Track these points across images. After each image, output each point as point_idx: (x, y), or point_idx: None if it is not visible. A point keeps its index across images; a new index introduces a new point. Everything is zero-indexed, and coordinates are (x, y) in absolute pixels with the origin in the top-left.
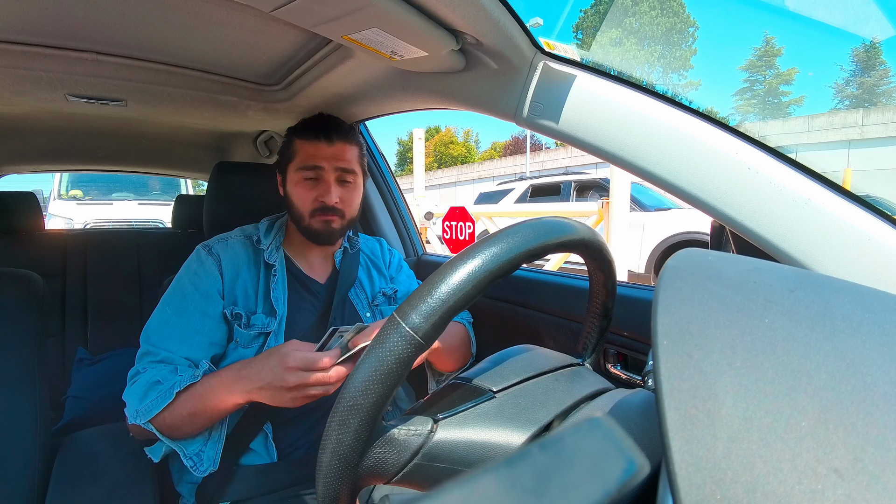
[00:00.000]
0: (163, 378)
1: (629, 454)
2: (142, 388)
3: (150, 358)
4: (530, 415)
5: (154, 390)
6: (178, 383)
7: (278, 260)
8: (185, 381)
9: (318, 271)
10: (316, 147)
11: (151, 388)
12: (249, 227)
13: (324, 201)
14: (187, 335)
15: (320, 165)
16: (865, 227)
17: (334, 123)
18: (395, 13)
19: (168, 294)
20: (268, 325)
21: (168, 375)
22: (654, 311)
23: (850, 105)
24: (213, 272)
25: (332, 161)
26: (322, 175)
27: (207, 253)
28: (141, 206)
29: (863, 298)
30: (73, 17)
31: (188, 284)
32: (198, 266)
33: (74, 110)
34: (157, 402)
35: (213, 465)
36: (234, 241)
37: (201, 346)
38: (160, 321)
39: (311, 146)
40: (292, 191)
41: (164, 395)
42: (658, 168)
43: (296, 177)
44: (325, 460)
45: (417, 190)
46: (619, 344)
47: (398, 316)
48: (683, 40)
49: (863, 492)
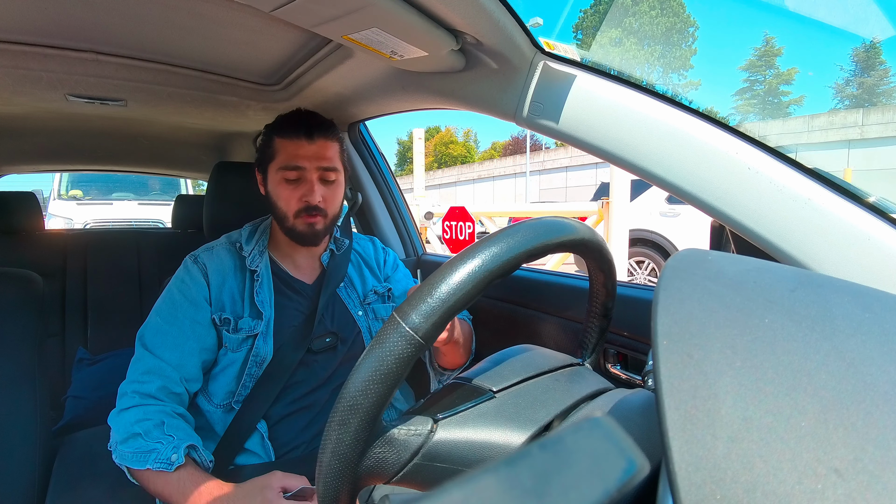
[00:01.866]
0: (145, 432)
1: (629, 454)
2: (125, 429)
3: (142, 366)
4: (530, 415)
5: (135, 441)
6: (155, 454)
7: (261, 265)
8: (162, 457)
9: (305, 272)
10: (297, 146)
11: (133, 438)
12: (235, 232)
13: (307, 201)
14: (179, 342)
15: (302, 165)
16: (866, 227)
17: (315, 120)
18: (395, 13)
19: (158, 304)
20: (255, 327)
21: (152, 430)
22: (654, 311)
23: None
24: (199, 281)
25: (313, 160)
26: (304, 175)
27: (193, 262)
28: (141, 206)
29: (863, 298)
30: (73, 17)
31: (177, 293)
32: (185, 276)
33: (74, 110)
34: (133, 459)
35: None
36: (220, 249)
37: (192, 351)
38: (152, 330)
39: (291, 145)
40: (274, 191)
41: (139, 459)
42: (658, 168)
43: (277, 177)
44: (325, 460)
45: (417, 190)
46: (619, 344)
47: (398, 316)
48: (683, 40)
49: (863, 492)
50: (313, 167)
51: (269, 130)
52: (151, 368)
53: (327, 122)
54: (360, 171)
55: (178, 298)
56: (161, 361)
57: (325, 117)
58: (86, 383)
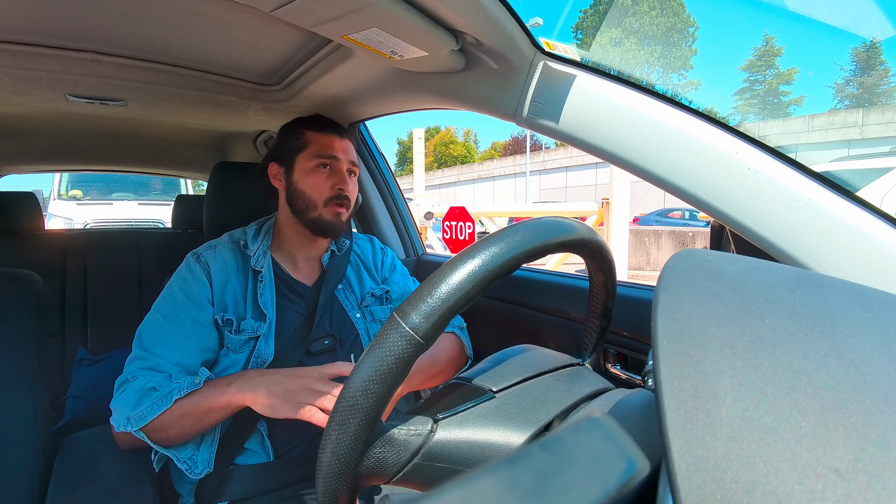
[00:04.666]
0: (158, 385)
1: (629, 454)
2: (134, 395)
3: (141, 363)
4: (530, 415)
5: (149, 397)
6: (175, 389)
7: (265, 265)
8: (185, 388)
9: (306, 273)
10: (330, 139)
11: (146, 394)
12: (237, 231)
13: (341, 189)
14: (179, 341)
15: (336, 156)
16: (866, 226)
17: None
18: (395, 13)
19: (159, 301)
20: (257, 328)
21: (163, 382)
22: (654, 311)
23: (850, 105)
24: (202, 280)
25: (346, 154)
26: (336, 165)
27: (196, 261)
28: (141, 206)
29: (863, 298)
30: (73, 17)
31: (178, 291)
32: (187, 273)
33: (74, 110)
34: (153, 408)
35: (209, 466)
36: (223, 248)
37: (193, 351)
38: (152, 327)
39: (325, 137)
40: (304, 180)
41: (160, 402)
42: (658, 168)
43: (310, 164)
44: (325, 460)
45: (417, 190)
46: (619, 344)
47: (398, 316)
48: (683, 40)
49: (863, 492)
50: (345, 159)
51: (297, 125)
52: (151, 366)
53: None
54: (360, 171)
55: (180, 297)
56: (160, 360)
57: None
58: (86, 383)
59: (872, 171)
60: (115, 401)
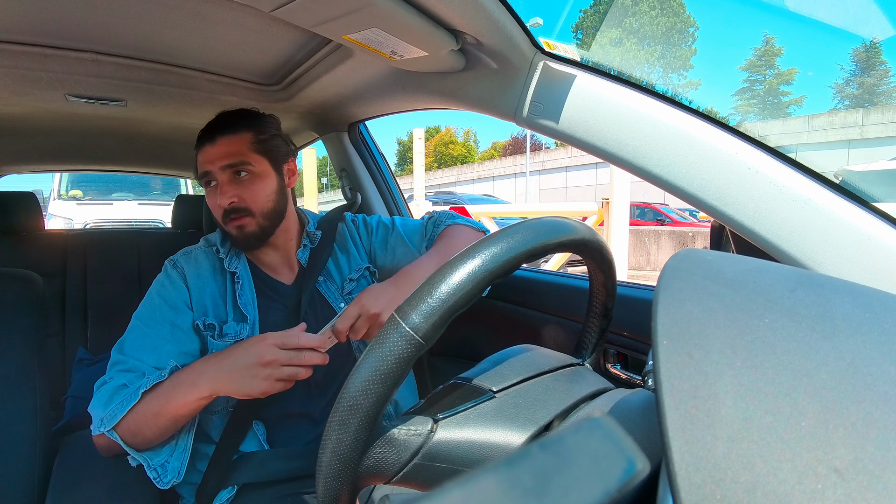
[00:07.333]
0: (129, 381)
1: (629, 454)
2: (106, 394)
3: (119, 367)
4: (530, 415)
5: (119, 394)
6: (144, 384)
7: (240, 266)
8: (152, 381)
9: (283, 272)
10: (203, 153)
11: (116, 392)
12: (213, 234)
13: (220, 204)
14: (157, 344)
15: (208, 170)
16: (866, 227)
17: (222, 120)
18: (395, 13)
19: (139, 308)
20: (240, 331)
21: (134, 379)
22: (654, 311)
23: (850, 105)
24: (179, 285)
25: (217, 162)
26: (215, 177)
27: (172, 266)
28: (141, 206)
29: (863, 298)
30: (73, 17)
31: (156, 296)
32: (165, 279)
33: (74, 110)
34: (122, 405)
35: (178, 476)
36: (198, 253)
37: (171, 354)
38: (132, 334)
39: (201, 154)
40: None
41: (129, 398)
42: (658, 168)
43: (203, 184)
44: (325, 460)
45: (417, 190)
46: (619, 344)
47: (398, 315)
48: (683, 40)
49: (863, 492)
50: (218, 168)
51: None
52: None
53: (237, 116)
54: (360, 171)
55: (158, 302)
56: (137, 362)
57: (236, 112)
58: (86, 383)
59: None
60: (91, 403)
